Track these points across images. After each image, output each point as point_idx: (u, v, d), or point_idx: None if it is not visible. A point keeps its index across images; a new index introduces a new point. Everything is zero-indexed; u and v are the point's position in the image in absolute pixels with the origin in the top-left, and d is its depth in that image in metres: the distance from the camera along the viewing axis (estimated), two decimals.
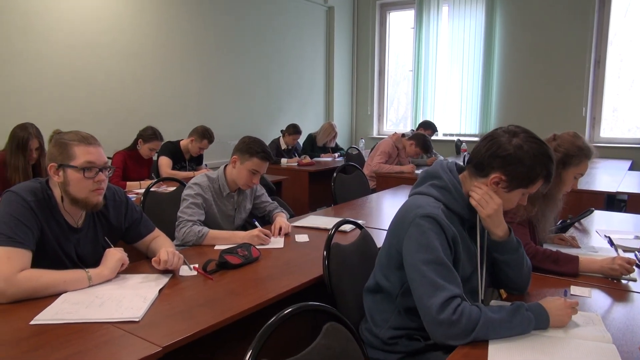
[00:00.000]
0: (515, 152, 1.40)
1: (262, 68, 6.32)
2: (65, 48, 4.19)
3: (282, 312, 1.11)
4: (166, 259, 1.77)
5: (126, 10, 4.65)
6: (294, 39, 6.81)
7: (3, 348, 1.27)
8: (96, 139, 1.76)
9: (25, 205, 1.62)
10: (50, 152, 1.70)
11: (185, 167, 4.39)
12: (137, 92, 4.82)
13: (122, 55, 4.65)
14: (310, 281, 1.83)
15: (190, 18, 5.29)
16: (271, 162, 2.55)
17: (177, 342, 1.32)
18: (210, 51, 5.56)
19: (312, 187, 5.13)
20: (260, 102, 6.35)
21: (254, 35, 6.13)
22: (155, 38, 4.95)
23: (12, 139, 3.09)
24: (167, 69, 5.10)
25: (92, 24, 4.37)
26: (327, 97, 7.61)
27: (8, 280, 1.49)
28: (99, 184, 1.71)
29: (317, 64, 7.32)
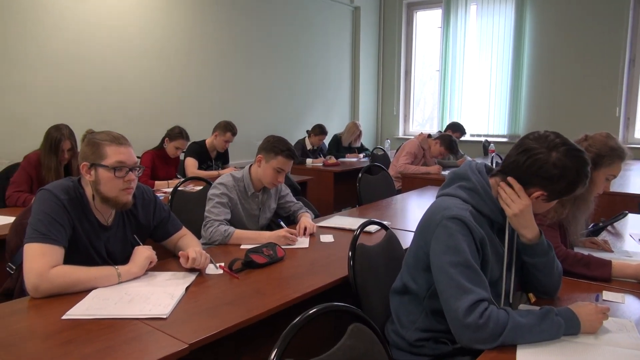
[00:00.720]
0: (558, 172, 1.36)
1: (288, 68, 6.35)
2: (97, 50, 4.30)
3: (307, 312, 1.11)
4: (194, 257, 1.79)
5: (156, 13, 4.74)
6: (320, 39, 6.82)
7: (37, 341, 1.31)
8: (127, 139, 1.79)
9: (59, 203, 1.67)
10: (83, 152, 1.75)
11: (212, 166, 4.45)
12: (165, 93, 4.91)
13: (151, 57, 4.74)
14: (335, 281, 1.82)
15: (218, 19, 5.35)
16: (295, 161, 2.56)
17: (203, 340, 1.34)
18: (237, 52, 5.62)
19: (337, 188, 5.12)
20: (286, 103, 6.39)
21: (281, 36, 6.17)
22: (184, 39, 5.02)
23: (46, 139, 3.18)
24: (195, 70, 5.18)
25: (123, 26, 4.47)
26: (352, 98, 7.59)
27: (42, 276, 1.54)
28: (129, 183, 1.75)
29: (342, 64, 7.31)
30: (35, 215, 1.63)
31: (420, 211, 3.17)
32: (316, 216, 2.84)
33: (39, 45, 3.90)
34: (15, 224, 1.91)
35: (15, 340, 1.30)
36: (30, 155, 3.18)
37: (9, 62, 3.75)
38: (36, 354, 1.23)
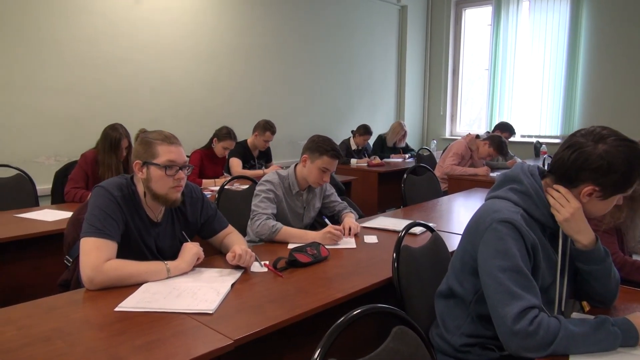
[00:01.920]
0: (605, 162, 1.29)
1: (334, 68, 6.36)
2: (149, 52, 4.45)
3: (351, 313, 1.11)
4: (240, 254, 1.82)
5: (205, 16, 4.86)
6: (366, 38, 6.79)
7: (92, 330, 1.37)
8: (177, 139, 1.85)
9: (113, 200, 1.74)
10: (136, 150, 1.82)
11: (255, 165, 4.52)
12: (213, 94, 5.02)
13: (201, 58, 4.87)
14: (379, 283, 1.81)
15: (265, 20, 5.43)
16: (340, 161, 2.55)
17: (248, 336, 1.36)
18: (283, 52, 5.68)
19: (382, 188, 5.08)
20: (330, 102, 6.40)
21: (326, 36, 6.19)
22: (231, 41, 5.13)
23: (104, 138, 3.32)
24: (242, 71, 5.27)
25: (174, 29, 4.61)
26: (398, 97, 7.52)
27: (96, 269, 1.61)
28: (179, 181, 1.80)
29: (388, 63, 7.25)
30: (91, 211, 1.71)
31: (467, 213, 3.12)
32: (360, 217, 2.83)
33: (93, 48, 4.08)
34: (72, 219, 2.00)
35: (73, 329, 1.36)
36: (86, 154, 3.33)
37: (66, 65, 3.94)
38: (92, 343, 1.29)
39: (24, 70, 3.72)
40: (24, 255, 2.50)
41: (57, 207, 3.10)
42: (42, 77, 3.82)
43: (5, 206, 3.12)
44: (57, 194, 3.46)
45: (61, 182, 3.41)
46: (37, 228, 2.57)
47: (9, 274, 2.45)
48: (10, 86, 3.65)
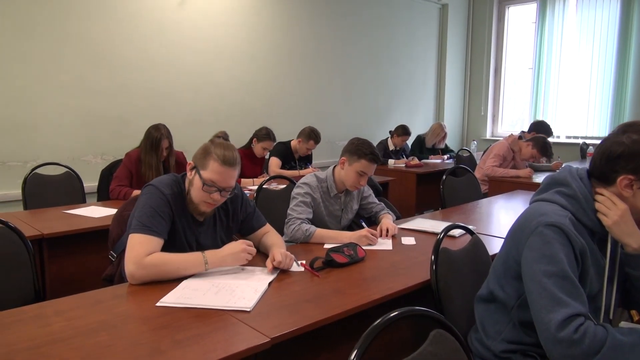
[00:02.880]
0: (631, 145, 1.29)
1: (373, 68, 6.33)
2: (192, 54, 4.56)
3: (388, 315, 1.09)
4: (280, 260, 1.82)
5: (246, 17, 4.93)
6: (406, 37, 6.72)
7: (135, 324, 1.41)
8: (236, 163, 1.82)
9: (163, 198, 1.79)
10: (198, 151, 1.85)
11: (295, 166, 4.55)
12: (253, 94, 5.09)
13: (241, 59, 4.94)
14: (416, 285, 1.78)
15: (304, 22, 5.46)
16: (379, 164, 2.54)
17: (284, 335, 1.37)
18: (322, 53, 5.70)
19: (420, 189, 5.02)
20: (369, 103, 6.37)
21: (366, 37, 6.17)
22: (272, 42, 5.18)
23: (146, 138, 3.42)
24: (282, 72, 5.32)
25: (215, 30, 4.70)
26: (437, 97, 7.41)
27: (137, 263, 1.66)
28: (213, 200, 1.83)
29: (428, 63, 7.16)
30: (141, 208, 1.76)
31: (508, 216, 3.04)
32: (398, 218, 2.80)
33: (138, 50, 4.22)
34: (117, 216, 2.07)
35: (116, 322, 1.41)
36: (130, 153, 3.44)
37: (113, 67, 4.09)
38: (135, 336, 1.33)
39: (74, 72, 3.87)
40: (72, 249, 2.60)
41: (103, 204, 3.21)
42: (91, 79, 3.97)
43: (55, 202, 3.27)
44: (102, 191, 3.59)
45: (106, 180, 3.53)
46: (84, 224, 2.68)
47: (58, 267, 2.56)
48: (61, 88, 3.82)
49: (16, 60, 3.57)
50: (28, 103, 3.66)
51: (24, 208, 3.29)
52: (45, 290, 2.46)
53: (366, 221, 2.53)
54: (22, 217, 2.79)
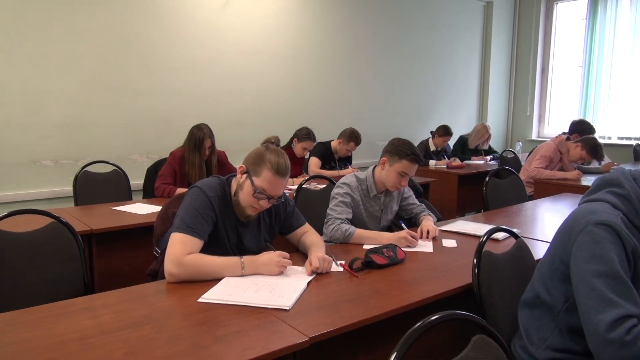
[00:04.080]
0: None
1: (415, 68, 6.26)
2: (235, 54, 4.63)
3: (428, 318, 1.08)
4: (317, 266, 1.81)
5: (287, 18, 4.97)
6: (448, 36, 6.61)
7: (177, 319, 1.45)
8: (288, 171, 1.85)
9: (207, 201, 1.83)
10: (250, 155, 1.88)
11: (335, 167, 4.55)
12: (294, 94, 5.13)
13: (282, 60, 4.99)
14: (457, 289, 1.75)
15: (345, 22, 5.46)
16: (420, 164, 2.50)
17: (323, 334, 1.37)
18: (362, 53, 5.68)
19: (461, 191, 4.92)
20: (410, 103, 6.30)
21: (408, 36, 6.10)
22: (313, 42, 5.21)
23: (190, 138, 3.50)
24: (323, 72, 5.33)
25: (258, 31, 4.76)
26: (481, 97, 7.24)
27: (176, 262, 1.70)
28: (259, 206, 1.86)
29: (471, 62, 7.01)
30: (185, 209, 1.80)
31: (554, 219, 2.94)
32: (438, 220, 2.75)
33: (183, 52, 4.32)
34: (161, 213, 2.13)
35: (160, 316, 1.45)
36: (175, 152, 3.53)
37: (159, 68, 4.20)
38: (177, 331, 1.36)
39: (123, 74, 4.01)
40: (119, 245, 2.70)
41: (148, 201, 3.31)
42: (138, 80, 4.10)
43: (103, 199, 3.39)
44: (148, 189, 3.70)
45: (152, 178, 3.64)
46: (131, 220, 2.77)
47: (106, 262, 2.66)
48: (110, 89, 3.96)
49: (69, 63, 3.74)
50: (79, 104, 3.82)
51: (74, 204, 3.44)
52: (94, 284, 2.56)
53: (406, 222, 2.50)
54: (73, 212, 2.91)
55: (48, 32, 3.62)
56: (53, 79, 3.68)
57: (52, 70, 3.67)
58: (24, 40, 3.53)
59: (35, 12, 3.56)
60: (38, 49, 3.59)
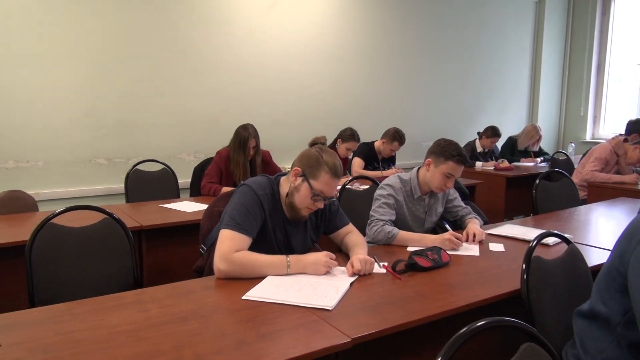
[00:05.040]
0: None
1: (461, 68, 6.13)
2: (279, 56, 4.69)
3: (474, 324, 1.05)
4: (359, 268, 1.80)
5: (331, 19, 4.98)
6: (497, 36, 6.43)
7: (222, 315, 1.48)
8: (342, 172, 1.91)
9: (256, 199, 1.85)
10: (304, 158, 1.89)
11: (378, 167, 4.52)
12: (338, 94, 5.13)
13: (326, 60, 5.00)
14: (505, 294, 1.70)
15: (389, 22, 5.41)
16: (466, 166, 2.45)
17: (365, 336, 1.36)
18: (407, 53, 5.61)
19: (509, 194, 4.78)
20: (456, 103, 6.17)
21: (454, 35, 5.98)
22: (357, 43, 5.19)
23: (235, 137, 3.57)
24: (366, 72, 5.31)
25: (302, 32, 4.80)
26: (531, 97, 7.00)
27: (225, 258, 1.73)
28: (315, 207, 1.89)
29: (521, 61, 6.79)
30: (235, 206, 1.84)
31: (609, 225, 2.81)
32: (485, 223, 2.68)
33: (230, 53, 4.41)
34: (207, 211, 2.17)
35: (205, 312, 1.48)
36: (221, 151, 3.60)
37: (206, 70, 4.31)
38: (222, 327, 1.39)
39: (171, 75, 4.13)
40: (167, 241, 2.78)
41: (195, 199, 3.40)
42: (186, 81, 4.21)
43: (152, 196, 3.51)
44: (194, 187, 3.80)
45: (198, 177, 3.74)
46: (178, 218, 2.85)
47: (154, 257, 2.75)
48: (160, 90, 4.09)
49: (120, 65, 3.89)
50: (131, 105, 3.97)
51: (125, 201, 3.58)
52: (143, 278, 2.65)
53: (451, 225, 2.45)
54: (124, 209, 3.03)
55: (104, 37, 3.79)
56: (107, 81, 3.84)
57: (107, 73, 3.83)
58: (82, 45, 3.71)
59: (93, 19, 3.72)
60: (95, 53, 3.76)
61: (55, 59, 3.62)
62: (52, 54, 3.60)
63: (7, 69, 3.45)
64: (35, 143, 3.61)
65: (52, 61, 3.61)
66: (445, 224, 2.44)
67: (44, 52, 3.57)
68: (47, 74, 3.60)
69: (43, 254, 1.97)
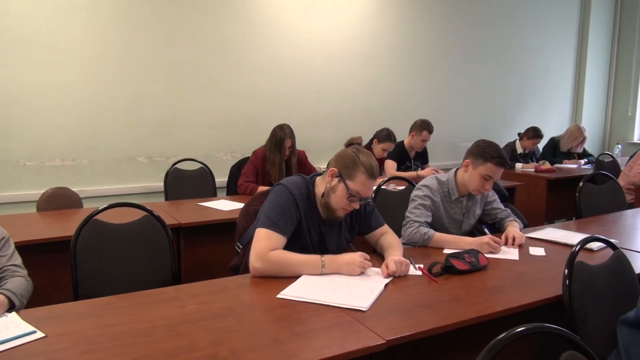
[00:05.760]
0: None
1: (500, 66, 5.99)
2: (316, 56, 4.70)
3: (514, 329, 1.02)
4: (394, 270, 1.79)
5: (368, 19, 4.96)
6: (538, 33, 6.25)
7: (257, 313, 1.50)
8: (378, 172, 1.90)
9: (291, 198, 1.87)
10: (341, 158, 1.89)
11: (411, 167, 4.46)
12: (374, 95, 5.10)
13: (362, 60, 4.98)
14: (545, 300, 1.65)
15: (426, 21, 5.34)
16: (506, 168, 2.39)
17: (400, 338, 1.35)
18: (445, 51, 5.52)
19: (551, 197, 4.63)
20: (495, 103, 6.03)
21: (493, 33, 5.85)
22: (394, 42, 5.15)
23: (271, 137, 3.61)
24: (402, 72, 5.26)
25: (338, 32, 4.79)
26: (575, 97, 6.77)
27: (261, 256, 1.75)
28: (350, 207, 1.88)
29: (564, 59, 6.57)
30: (270, 205, 1.86)
31: None
32: (525, 226, 2.61)
33: (267, 53, 4.45)
34: (243, 210, 2.20)
35: (241, 309, 1.50)
36: (257, 151, 3.65)
37: (245, 70, 4.36)
38: (257, 325, 1.40)
39: (210, 76, 4.21)
40: (204, 239, 2.84)
41: (231, 198, 3.45)
42: (224, 82, 4.28)
43: (190, 194, 3.59)
44: (231, 186, 3.86)
45: (235, 176, 3.79)
46: (215, 216, 2.90)
47: (191, 254, 2.81)
48: (198, 90, 4.17)
49: (163, 67, 3.99)
50: (170, 105, 4.06)
51: (165, 199, 3.67)
52: (180, 274, 2.71)
53: (489, 228, 2.39)
54: (164, 207, 3.10)
55: (146, 39, 3.89)
56: (148, 82, 3.94)
57: (148, 74, 3.93)
58: (126, 47, 3.82)
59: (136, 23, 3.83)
60: (137, 54, 3.87)
61: (100, 63, 3.74)
62: (97, 58, 3.73)
63: (55, 72, 3.59)
64: (80, 142, 3.75)
65: (97, 64, 3.73)
66: (484, 227, 2.39)
67: (90, 55, 3.70)
68: (93, 77, 3.73)
69: (87, 249, 2.05)
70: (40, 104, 3.57)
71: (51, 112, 3.62)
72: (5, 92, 3.45)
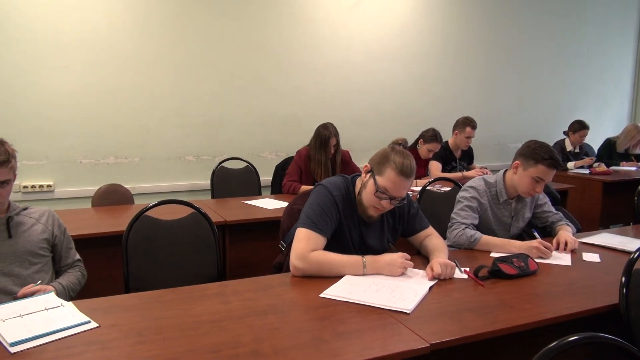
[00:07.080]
0: None
1: (553, 64, 5.77)
2: (361, 55, 4.68)
3: (566, 338, 0.98)
4: (439, 272, 1.76)
5: (413, 18, 4.89)
6: (595, 30, 5.98)
7: (300, 311, 1.51)
8: (412, 173, 1.82)
9: (331, 199, 1.87)
10: (376, 154, 1.89)
11: (456, 167, 4.36)
12: (419, 94, 5.03)
13: (408, 59, 4.92)
14: (599, 309, 1.57)
15: (476, 18, 5.21)
16: (559, 170, 2.29)
17: (444, 342, 1.32)
18: (493, 49, 5.38)
19: (606, 200, 4.42)
20: (547, 102, 5.82)
21: (546, 31, 5.64)
22: (440, 40, 5.05)
23: (316, 136, 3.62)
24: (448, 71, 5.15)
25: (383, 31, 4.75)
26: (634, 94, 6.43)
27: (301, 256, 1.75)
28: (381, 206, 1.85)
29: (623, 56, 6.27)
30: (311, 206, 1.87)
31: None
32: (578, 230, 2.50)
33: (312, 53, 4.47)
34: (287, 209, 2.21)
35: (284, 307, 1.52)
36: (300, 150, 3.67)
37: (288, 70, 4.39)
38: (299, 323, 1.41)
39: (255, 76, 4.27)
40: (249, 236, 2.88)
41: (275, 196, 3.49)
42: (269, 81, 4.33)
43: (236, 193, 3.66)
44: (275, 185, 3.91)
45: (279, 175, 3.83)
46: (260, 214, 2.94)
47: (236, 251, 2.86)
48: (244, 90, 4.24)
49: (210, 67, 4.08)
50: (217, 104, 4.15)
51: (211, 196, 3.75)
52: (225, 271, 2.76)
53: (540, 231, 2.31)
54: (210, 204, 3.17)
55: (194, 40, 3.99)
56: (196, 82, 4.05)
57: (196, 74, 4.04)
58: (176, 50, 3.94)
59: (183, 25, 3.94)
60: (185, 55, 3.98)
61: (150, 64, 3.87)
62: (149, 61, 3.86)
63: (109, 75, 3.75)
64: (132, 141, 3.90)
65: (148, 67, 3.87)
66: (534, 230, 2.30)
67: (142, 58, 3.84)
68: (144, 79, 3.86)
69: (137, 244, 2.12)
70: (96, 104, 3.73)
71: (106, 113, 3.78)
72: (63, 92, 3.63)
